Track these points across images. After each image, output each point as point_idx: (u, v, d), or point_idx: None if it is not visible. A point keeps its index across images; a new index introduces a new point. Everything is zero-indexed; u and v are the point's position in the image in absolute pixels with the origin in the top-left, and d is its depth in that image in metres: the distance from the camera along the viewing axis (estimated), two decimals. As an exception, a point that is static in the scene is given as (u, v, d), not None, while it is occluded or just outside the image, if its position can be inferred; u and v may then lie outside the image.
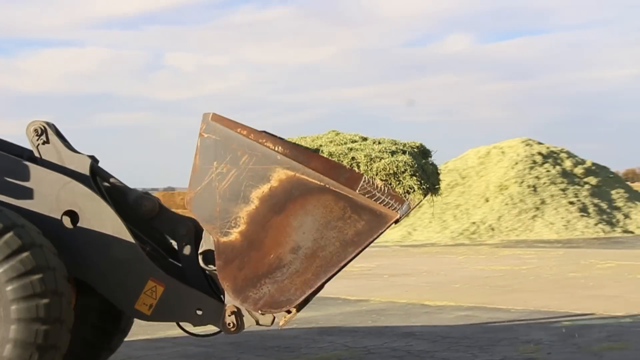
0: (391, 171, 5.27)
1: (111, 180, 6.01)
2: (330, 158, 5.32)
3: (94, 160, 5.87)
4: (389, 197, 5.27)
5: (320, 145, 5.46)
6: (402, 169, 5.26)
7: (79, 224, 5.57)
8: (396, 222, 5.30)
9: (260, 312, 5.48)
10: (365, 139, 5.63)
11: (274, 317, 5.57)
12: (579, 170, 29.65)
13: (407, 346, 7.81)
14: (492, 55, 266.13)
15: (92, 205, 5.57)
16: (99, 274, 5.61)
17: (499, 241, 24.77)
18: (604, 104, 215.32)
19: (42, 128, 5.76)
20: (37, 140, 5.80)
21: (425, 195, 5.30)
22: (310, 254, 5.31)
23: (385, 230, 5.35)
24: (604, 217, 27.37)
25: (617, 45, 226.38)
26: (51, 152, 5.81)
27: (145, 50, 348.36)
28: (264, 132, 5.41)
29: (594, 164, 30.53)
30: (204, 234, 5.64)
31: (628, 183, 35.20)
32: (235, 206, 5.37)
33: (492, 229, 26.15)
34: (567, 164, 29.84)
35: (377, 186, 5.27)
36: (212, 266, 5.59)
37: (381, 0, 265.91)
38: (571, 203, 27.50)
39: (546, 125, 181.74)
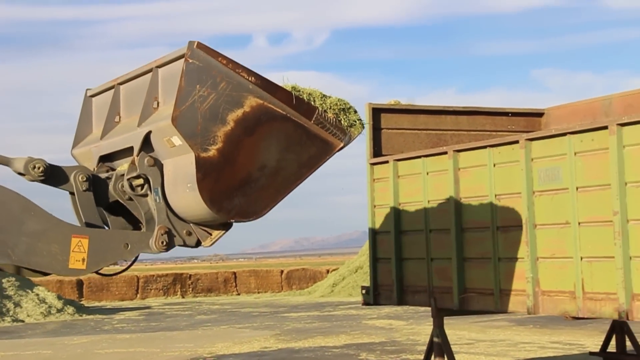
0: (341, 107, 6.47)
1: None
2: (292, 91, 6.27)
3: None
4: (336, 129, 6.43)
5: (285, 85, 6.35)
6: (348, 106, 6.52)
7: None
8: (340, 149, 6.46)
9: (231, 220, 6.19)
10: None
11: (198, 239, 6.35)
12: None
13: None
14: None
15: None
16: (23, 253, 5.88)
17: None
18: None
19: None
20: None
21: (362, 129, 6.54)
22: (273, 173, 6.21)
23: (331, 156, 6.46)
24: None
25: None
26: None
27: None
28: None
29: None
30: (129, 165, 6.30)
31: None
32: (214, 126, 5.99)
33: None
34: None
35: (327, 118, 6.38)
36: (139, 189, 6.28)
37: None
38: None
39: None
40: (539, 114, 11.08)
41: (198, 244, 6.42)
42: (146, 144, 6.31)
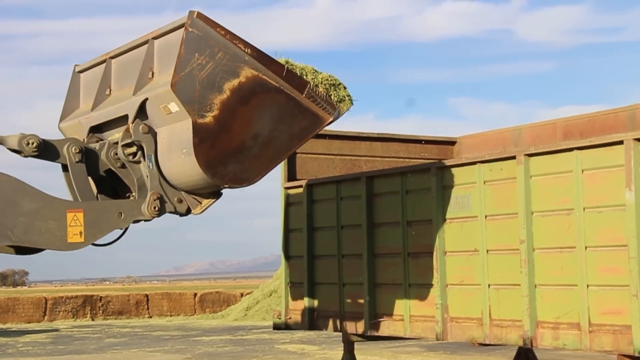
0: (331, 82, 6.80)
1: None
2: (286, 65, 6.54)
3: None
4: (326, 103, 6.72)
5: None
6: (338, 82, 6.84)
7: None
8: (329, 123, 6.77)
9: (225, 186, 6.40)
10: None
11: (188, 207, 6.57)
12: None
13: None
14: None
15: None
16: (22, 233, 6.08)
17: None
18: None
19: None
20: None
21: (351, 105, 6.89)
22: (266, 142, 6.44)
23: (320, 129, 6.81)
24: None
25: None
26: None
27: None
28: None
29: None
30: (124, 132, 6.46)
31: None
32: (210, 94, 6.19)
33: None
34: None
35: (318, 93, 6.67)
36: (131, 157, 6.48)
37: None
38: None
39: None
40: (452, 142, 11.28)
41: (188, 211, 6.63)
42: (141, 112, 6.48)
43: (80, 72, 7.59)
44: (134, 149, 6.49)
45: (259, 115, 6.38)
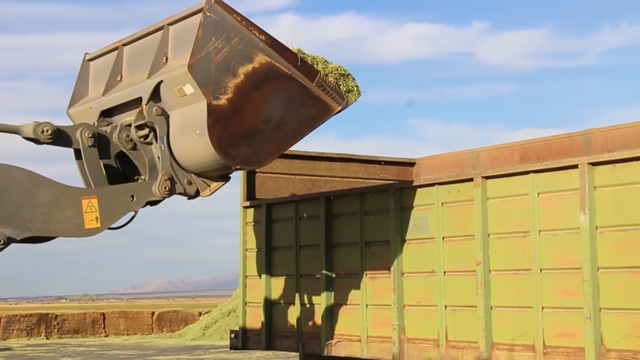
0: (341, 72, 7.06)
1: None
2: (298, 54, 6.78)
3: None
4: (335, 93, 6.96)
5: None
6: (347, 73, 7.10)
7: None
8: (337, 112, 6.98)
9: (237, 167, 6.60)
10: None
11: (197, 189, 6.78)
12: None
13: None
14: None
15: (2, 173, 6.21)
16: (42, 223, 6.29)
17: None
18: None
19: None
20: None
21: (359, 96, 7.14)
22: (277, 127, 6.67)
23: (329, 118, 6.99)
24: None
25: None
26: None
27: None
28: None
29: None
30: (137, 114, 6.67)
31: None
32: (225, 77, 6.43)
33: None
34: None
35: (328, 82, 6.92)
36: (142, 139, 6.66)
37: None
38: None
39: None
40: (411, 164, 11.35)
41: (197, 193, 6.84)
42: (154, 94, 6.67)
43: (90, 60, 7.76)
44: (146, 131, 6.68)
45: (270, 100, 6.63)
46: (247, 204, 9.96)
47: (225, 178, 6.87)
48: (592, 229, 6.52)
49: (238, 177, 10.04)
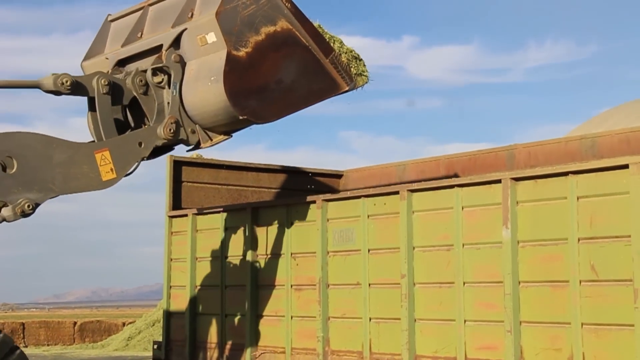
0: (354, 55, 7.57)
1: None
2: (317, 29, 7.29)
3: None
4: (345, 73, 7.42)
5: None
6: (360, 58, 7.60)
7: (17, 164, 6.39)
8: (344, 92, 7.46)
9: (243, 117, 6.86)
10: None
11: (199, 140, 7.13)
12: None
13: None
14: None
15: (16, 141, 6.42)
16: (62, 182, 6.57)
17: None
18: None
19: None
20: None
21: (367, 82, 7.59)
22: (287, 90, 7.14)
23: (336, 95, 7.44)
24: None
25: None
26: None
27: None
28: None
29: None
30: (156, 58, 7.05)
31: None
32: (248, 32, 6.89)
33: None
34: None
35: (341, 62, 7.39)
36: (157, 79, 7.00)
37: None
38: None
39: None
40: (338, 176, 11.38)
41: (198, 144, 7.17)
42: (175, 43, 7.04)
43: (112, 20, 7.99)
44: (160, 77, 7.02)
45: (285, 64, 7.08)
46: (173, 213, 9.84)
47: (227, 133, 7.20)
48: (513, 243, 6.62)
49: (164, 186, 9.92)
